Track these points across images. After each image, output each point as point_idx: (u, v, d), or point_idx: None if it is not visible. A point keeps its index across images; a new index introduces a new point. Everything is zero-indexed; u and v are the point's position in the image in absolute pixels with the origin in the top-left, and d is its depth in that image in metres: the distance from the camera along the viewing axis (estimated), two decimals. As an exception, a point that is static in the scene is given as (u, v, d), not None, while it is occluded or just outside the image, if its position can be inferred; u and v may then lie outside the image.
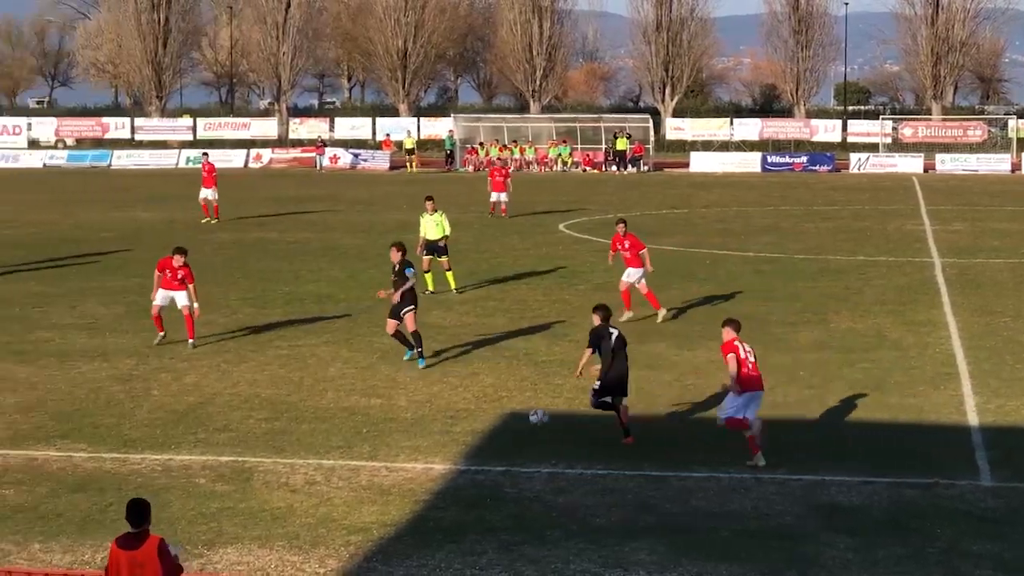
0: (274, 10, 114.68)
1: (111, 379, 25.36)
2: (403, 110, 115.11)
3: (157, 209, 56.24)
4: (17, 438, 21.26)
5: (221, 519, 17.45)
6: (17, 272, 39.58)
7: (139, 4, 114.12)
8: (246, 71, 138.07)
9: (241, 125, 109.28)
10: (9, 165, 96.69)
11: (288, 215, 57.78)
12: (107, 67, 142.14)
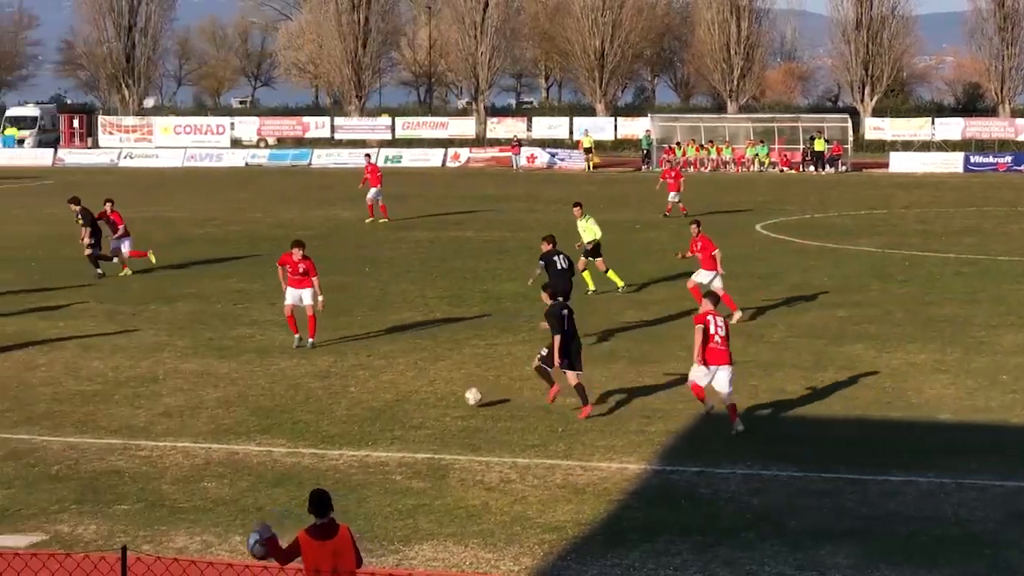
0: (472, 10, 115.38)
1: (310, 376, 25.73)
2: (600, 110, 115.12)
3: (356, 208, 56.85)
4: (219, 432, 21.67)
5: (417, 516, 17.60)
6: (219, 267, 40.35)
7: (340, 5, 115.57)
8: (444, 71, 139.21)
9: (439, 124, 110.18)
10: (212, 164, 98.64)
11: (485, 214, 58.12)
12: (308, 67, 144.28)
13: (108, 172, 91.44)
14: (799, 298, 34.55)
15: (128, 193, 70.21)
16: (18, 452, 20.47)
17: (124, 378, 25.61)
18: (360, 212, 55.00)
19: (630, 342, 28.82)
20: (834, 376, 25.51)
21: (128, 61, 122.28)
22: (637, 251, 44.50)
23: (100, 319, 31.62)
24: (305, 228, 51.90)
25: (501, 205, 62.89)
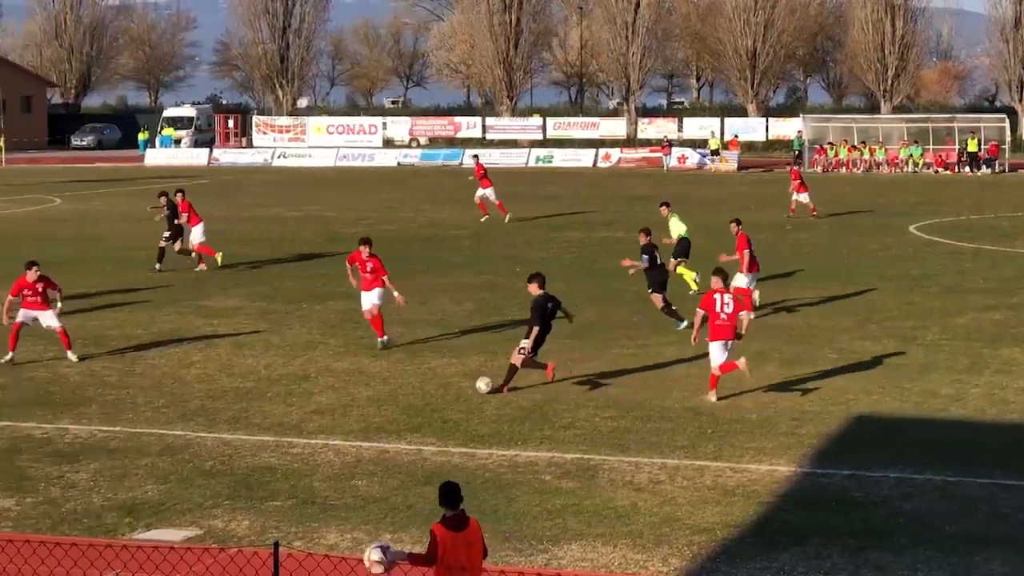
0: (624, 10, 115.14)
1: (460, 375, 25.85)
2: (751, 110, 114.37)
3: (506, 207, 56.96)
4: (370, 430, 21.85)
5: (566, 515, 17.62)
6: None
7: (491, 6, 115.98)
8: (595, 71, 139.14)
9: (590, 125, 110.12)
10: (365, 164, 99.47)
11: (635, 214, 57.98)
12: (459, 67, 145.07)
13: (262, 171, 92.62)
14: (953, 300, 34.09)
15: (281, 192, 71.08)
16: (173, 448, 20.81)
17: (277, 376, 25.93)
18: (515, 212, 55.07)
19: (780, 343, 28.62)
20: (989, 379, 25.13)
21: (282, 62, 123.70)
22: (788, 252, 44.14)
23: (254, 317, 32.04)
24: (456, 228, 52.21)
25: (651, 206, 62.65)
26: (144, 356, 27.67)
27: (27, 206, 63.06)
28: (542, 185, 75.81)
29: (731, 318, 23.61)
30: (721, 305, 23.62)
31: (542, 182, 79.06)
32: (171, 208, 40.79)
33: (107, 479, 19.19)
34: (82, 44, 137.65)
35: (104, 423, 22.32)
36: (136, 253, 43.08)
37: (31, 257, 28.44)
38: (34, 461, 20.08)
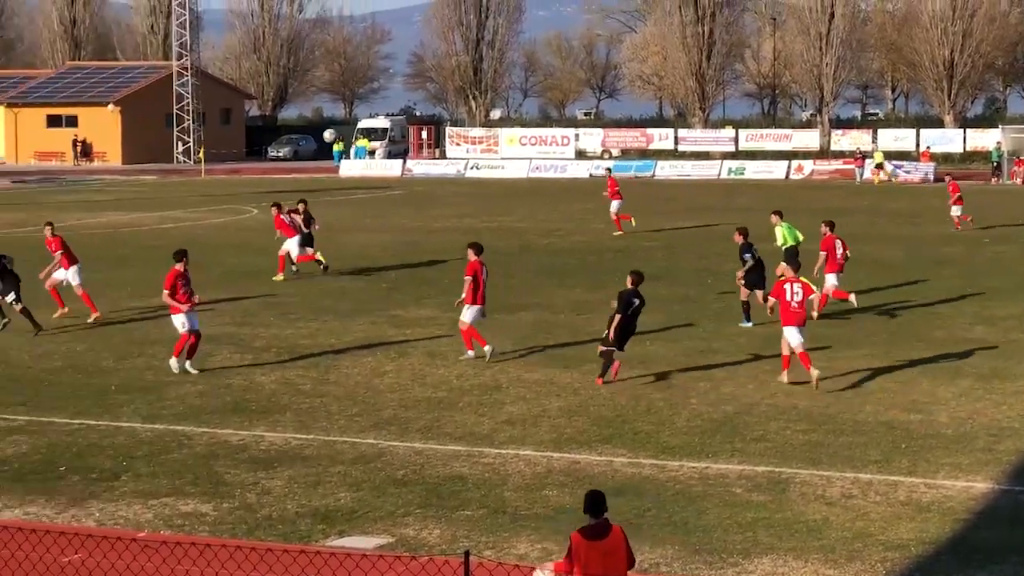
0: (818, 21, 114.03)
1: (651, 386, 25.79)
2: (948, 121, 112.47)
3: (698, 219, 56.80)
4: (561, 441, 21.89)
5: (757, 529, 17.48)
6: (563, 277, 40.79)
7: (684, 17, 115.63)
8: (788, 82, 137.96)
9: (782, 136, 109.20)
10: (557, 175, 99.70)
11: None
12: (652, 79, 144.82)
13: (455, 182, 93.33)
14: None
15: (474, 203, 71.55)
16: (367, 456, 21.04)
17: (468, 386, 26.09)
18: (708, 223, 54.83)
19: (978, 358, 28.09)
20: None
21: (475, 74, 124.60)
22: (985, 266, 43.36)
23: (446, 327, 32.23)
24: (648, 239, 52.09)
25: (844, 218, 61.92)
26: (338, 365, 28.03)
27: (226, 216, 64.30)
28: (734, 197, 75.34)
29: (801, 305, 25.46)
30: (791, 294, 25.53)
31: (734, 194, 78.58)
32: (306, 216, 42.02)
33: (301, 486, 19.47)
34: (279, 57, 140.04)
35: (298, 431, 22.65)
36: (331, 263, 43.63)
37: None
38: (231, 467, 20.45)
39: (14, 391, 25.67)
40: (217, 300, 36.28)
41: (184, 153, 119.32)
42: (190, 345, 27.47)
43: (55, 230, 35.09)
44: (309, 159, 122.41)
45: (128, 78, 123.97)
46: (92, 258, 43.22)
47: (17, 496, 19.07)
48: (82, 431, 22.67)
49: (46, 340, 30.72)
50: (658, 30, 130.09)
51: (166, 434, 22.44)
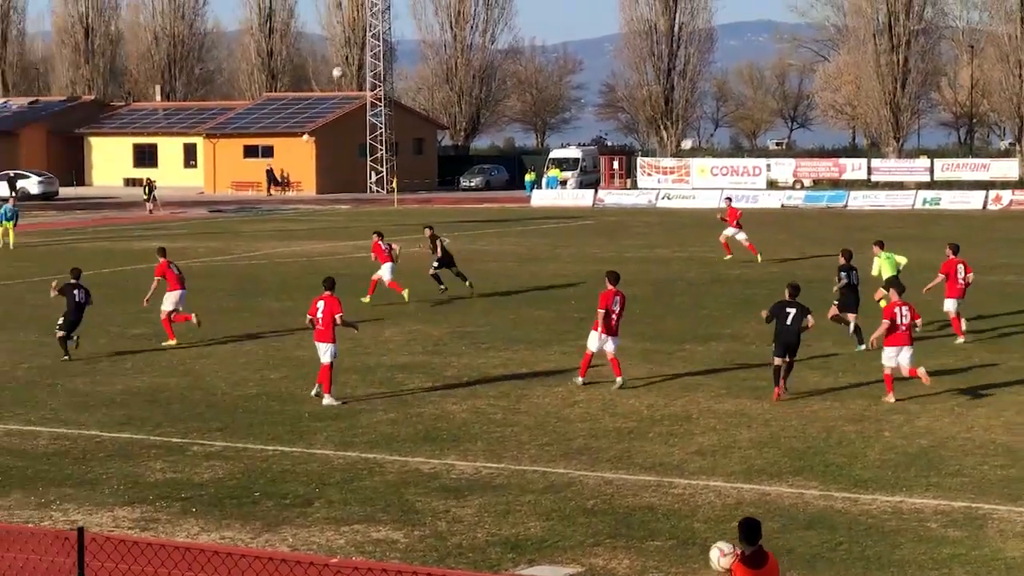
0: (1017, 48, 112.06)
1: (843, 419, 25.48)
2: None
3: (891, 249, 55.73)
4: (750, 472, 21.72)
5: (952, 566, 17.16)
6: (752, 307, 40.47)
7: (879, 46, 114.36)
8: (986, 111, 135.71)
9: (980, 166, 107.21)
10: (748, 205, 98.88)
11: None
12: (845, 108, 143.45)
13: (646, 212, 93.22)
14: None
15: (665, 233, 71.42)
16: (556, 485, 21.07)
17: (659, 416, 26.01)
18: (904, 253, 53.97)
19: None
20: None
21: (667, 103, 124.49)
22: None
23: (636, 357, 32.16)
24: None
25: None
26: (528, 394, 28.12)
27: (418, 246, 64.92)
28: (929, 227, 74.19)
29: (907, 327, 26.81)
30: (900, 316, 26.82)
31: (929, 224, 77.39)
32: (433, 240, 44.02)
33: (491, 515, 19.55)
34: (472, 87, 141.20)
35: (489, 459, 22.76)
36: (521, 293, 43.86)
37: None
38: (422, 495, 20.60)
39: (211, 417, 26.16)
40: (410, 329, 36.72)
41: (377, 183, 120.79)
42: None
43: (167, 255, 35.80)
44: (501, 189, 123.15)
45: (323, 108, 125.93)
46: (288, 287, 43.93)
47: (214, 520, 19.41)
48: (276, 457, 23.02)
49: (240, 368, 31.27)
50: (851, 58, 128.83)
51: (358, 462, 22.69)
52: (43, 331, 36.73)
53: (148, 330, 36.82)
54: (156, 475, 21.90)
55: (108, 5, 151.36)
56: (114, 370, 31.24)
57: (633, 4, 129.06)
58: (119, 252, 61.70)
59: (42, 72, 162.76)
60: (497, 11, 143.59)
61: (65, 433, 24.87)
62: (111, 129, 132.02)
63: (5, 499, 20.55)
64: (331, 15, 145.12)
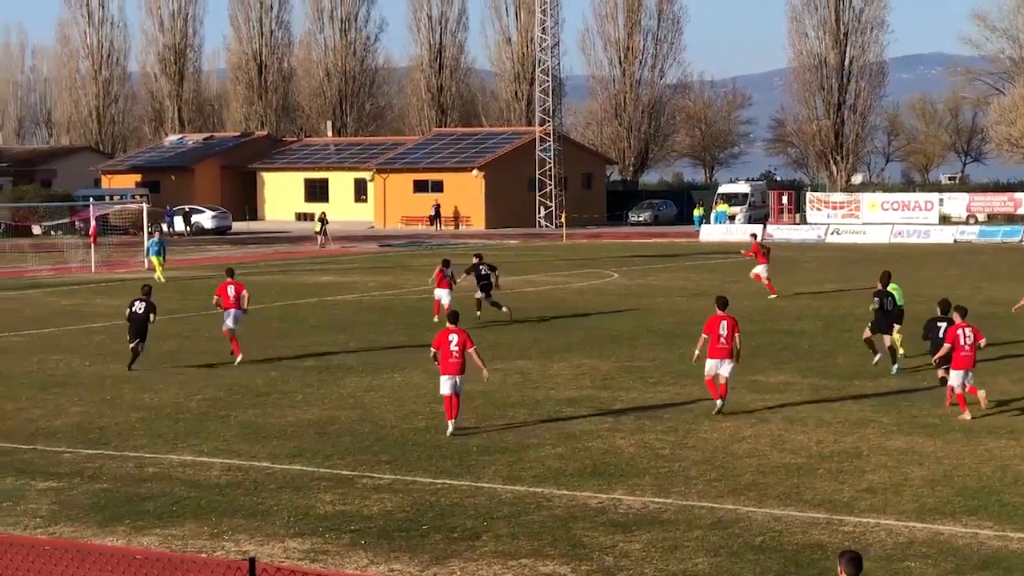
0: None
1: (1018, 457, 25.02)
2: None
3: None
4: (922, 511, 21.39)
5: None
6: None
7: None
8: None
9: None
10: (919, 240, 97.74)
11: None
12: (1020, 142, 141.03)
13: (815, 248, 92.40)
14: None
15: (835, 268, 70.74)
16: (724, 521, 20.93)
17: (828, 452, 25.74)
18: None
19: None
20: None
21: (837, 138, 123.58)
22: None
23: (805, 392, 31.93)
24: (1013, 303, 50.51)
25: None
26: (696, 429, 28.00)
27: (587, 280, 65.00)
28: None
29: (971, 348, 28.30)
30: (964, 338, 28.35)
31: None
32: (475, 267, 46.62)
33: (659, 550, 19.47)
34: (640, 122, 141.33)
35: (656, 495, 22.67)
36: (689, 328, 43.66)
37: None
38: (589, 529, 20.58)
39: (380, 450, 26.39)
40: (578, 363, 36.80)
41: (546, 217, 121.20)
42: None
43: (233, 276, 39.03)
44: (669, 224, 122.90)
45: (492, 144, 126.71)
46: (462, 321, 44.15)
47: (383, 553, 19.56)
48: (444, 490, 23.14)
49: (409, 401, 31.50)
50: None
51: (526, 496, 22.73)
52: (215, 364, 37.39)
53: (319, 363, 37.30)
54: (326, 507, 22.13)
55: (281, 42, 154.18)
56: (285, 402, 31.66)
57: (803, 38, 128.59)
58: (291, 286, 62.57)
59: (217, 108, 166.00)
60: (666, 46, 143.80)
61: (237, 464, 25.25)
62: (283, 164, 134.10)
63: (179, 528, 20.90)
64: (500, 51, 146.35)
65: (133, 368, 36.38)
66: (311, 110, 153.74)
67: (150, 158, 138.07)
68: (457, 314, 29.51)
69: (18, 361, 38.72)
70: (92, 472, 24.73)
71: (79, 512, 21.94)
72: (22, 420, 29.85)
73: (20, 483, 23.93)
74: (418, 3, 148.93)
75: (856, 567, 13.06)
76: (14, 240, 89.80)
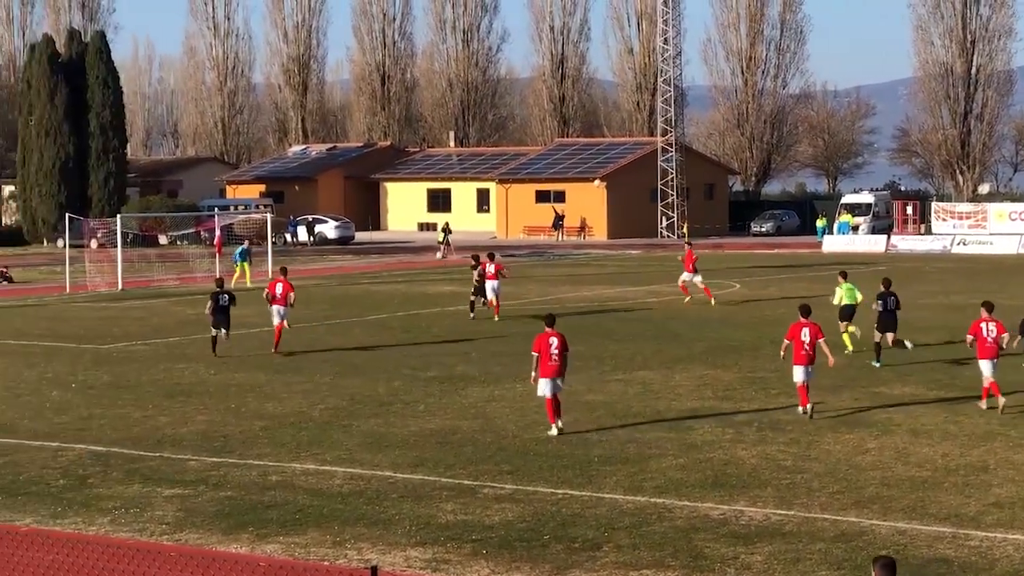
0: None
1: None
2: None
3: None
4: (1051, 526, 21.09)
5: None
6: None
7: None
8: None
9: None
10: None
11: None
12: None
13: (940, 258, 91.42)
14: None
15: (961, 280, 69.89)
16: (848, 534, 20.74)
17: (954, 466, 25.43)
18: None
19: None
20: None
21: (963, 147, 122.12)
22: None
23: (930, 405, 31.59)
24: None
25: None
26: (819, 441, 27.78)
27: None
28: None
29: (995, 340, 30.43)
30: (987, 331, 30.49)
31: None
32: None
33: (781, 562, 19.34)
34: (763, 132, 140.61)
35: (779, 506, 22.52)
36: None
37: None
38: (711, 541, 20.49)
39: (502, 460, 26.43)
40: (700, 374, 36.68)
41: (668, 228, 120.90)
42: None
43: (285, 275, 43.73)
44: (792, 234, 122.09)
45: (614, 154, 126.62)
46: (579, 332, 44.23)
47: (504, 563, 19.59)
48: (566, 500, 23.14)
49: (531, 411, 31.52)
50: None
51: (647, 506, 22.68)
52: (338, 373, 37.70)
53: (441, 373, 37.45)
54: (447, 516, 22.20)
55: (404, 53, 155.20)
56: (407, 412, 31.82)
57: (928, 47, 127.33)
58: (414, 296, 62.93)
59: (340, 119, 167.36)
60: (788, 56, 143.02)
61: (360, 473, 25.41)
62: (406, 174, 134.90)
63: (302, 537, 21.07)
64: (623, 61, 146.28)
65: (217, 353, 41.09)
66: (433, 120, 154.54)
67: (274, 168, 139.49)
68: (554, 317, 29.84)
69: (145, 369, 39.27)
70: (217, 480, 25.01)
71: (204, 519, 22.19)
72: (149, 427, 30.26)
73: (147, 490, 24.26)
74: (540, 13, 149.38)
75: (890, 572, 12.88)
76: (141, 250, 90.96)
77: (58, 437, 29.13)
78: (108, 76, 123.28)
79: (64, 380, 37.37)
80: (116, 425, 30.56)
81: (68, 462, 26.69)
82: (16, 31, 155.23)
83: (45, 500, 23.65)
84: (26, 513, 22.81)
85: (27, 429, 30.22)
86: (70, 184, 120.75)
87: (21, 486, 24.75)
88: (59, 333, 48.86)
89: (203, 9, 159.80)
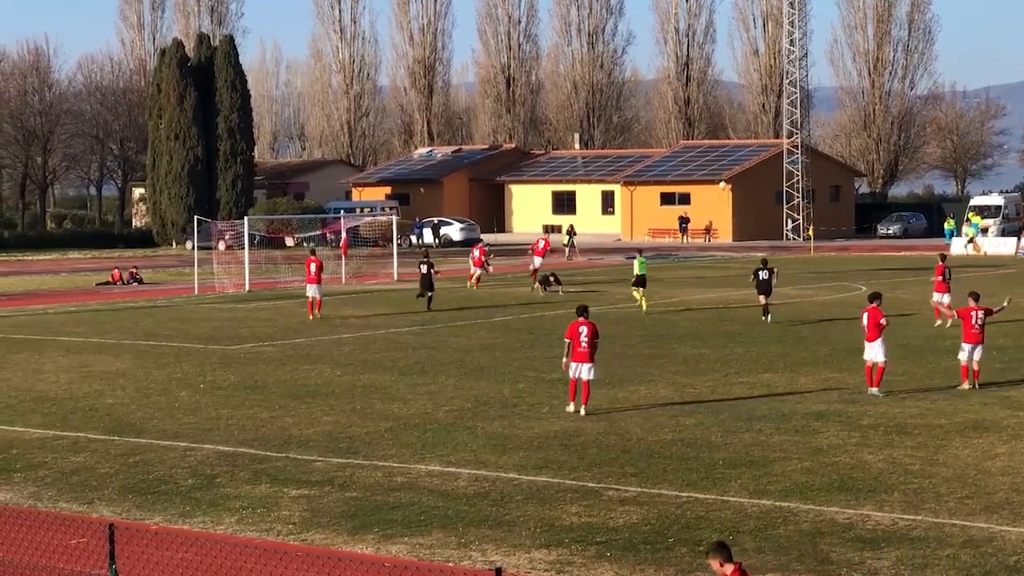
0: None
1: None
2: None
3: None
4: None
5: None
6: None
7: None
8: None
9: None
10: None
11: None
12: None
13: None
14: None
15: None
16: (976, 540, 20.49)
17: (1082, 472, 25.04)
18: None
19: None
20: None
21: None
22: None
23: (1061, 410, 31.19)
24: None
25: None
26: (947, 446, 27.46)
27: (834, 293, 64.30)
28: None
29: (981, 328, 33.45)
30: (976, 318, 33.54)
31: None
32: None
33: (908, 568, 19.14)
34: (890, 134, 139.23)
35: (906, 511, 22.29)
36: (939, 342, 42.82)
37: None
38: (837, 545, 20.32)
39: (626, 463, 26.39)
40: (825, 377, 36.42)
41: (793, 230, 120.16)
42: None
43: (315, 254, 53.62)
44: (919, 237, 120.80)
45: (739, 156, 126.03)
46: (702, 333, 44.05)
47: (628, 565, 19.57)
48: (690, 504, 23.07)
49: (655, 413, 31.44)
50: None
51: (772, 510, 22.54)
52: (463, 375, 37.83)
53: (565, 375, 37.43)
54: (572, 519, 22.21)
55: (529, 55, 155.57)
56: (531, 414, 31.86)
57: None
58: (535, 298, 62.99)
59: (465, 121, 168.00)
60: (916, 57, 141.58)
61: (484, 475, 25.48)
62: (531, 177, 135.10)
63: (427, 538, 21.17)
64: (748, 63, 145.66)
65: (431, 309, 53.74)
66: (558, 123, 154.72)
67: (399, 171, 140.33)
68: (586, 307, 32.34)
69: (272, 370, 39.66)
70: (343, 481, 25.20)
71: (330, 520, 22.37)
72: (276, 428, 30.56)
73: (273, 490, 24.51)
74: (665, 15, 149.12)
75: (722, 550, 14.44)
76: (268, 251, 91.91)
77: (187, 437, 29.52)
78: (236, 79, 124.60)
79: (192, 380, 37.85)
80: (243, 425, 30.90)
81: (196, 462, 27.03)
82: (147, 36, 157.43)
83: (174, 499, 23.97)
84: (155, 512, 23.14)
85: (157, 429, 30.65)
86: (198, 187, 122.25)
87: (151, 485, 25.11)
88: (188, 334, 49.49)
89: (330, 13, 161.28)
